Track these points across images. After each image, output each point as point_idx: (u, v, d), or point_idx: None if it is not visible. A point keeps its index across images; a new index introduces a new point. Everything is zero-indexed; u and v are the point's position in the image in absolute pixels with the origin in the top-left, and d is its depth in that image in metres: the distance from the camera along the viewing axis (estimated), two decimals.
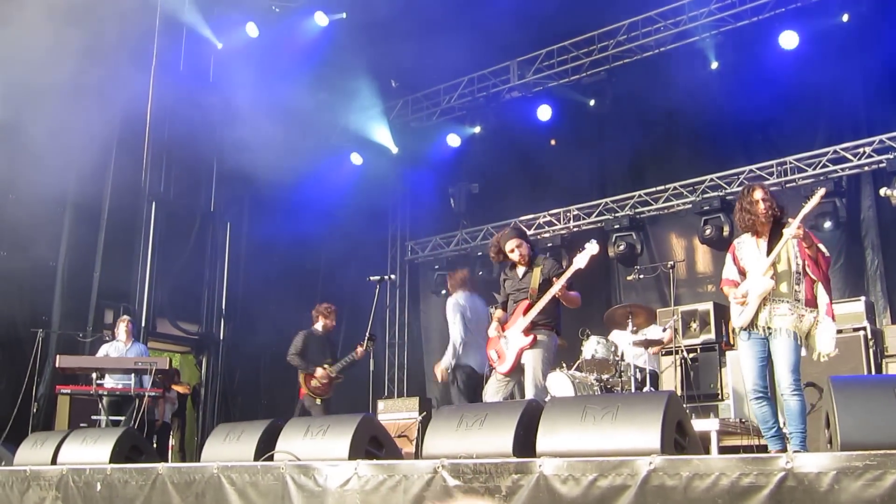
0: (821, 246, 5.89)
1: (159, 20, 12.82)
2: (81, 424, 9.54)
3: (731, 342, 6.27)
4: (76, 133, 10.97)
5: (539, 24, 13.13)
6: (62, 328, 11.26)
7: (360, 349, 9.57)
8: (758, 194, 5.97)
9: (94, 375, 9.16)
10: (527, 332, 6.93)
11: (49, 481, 6.61)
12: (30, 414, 10.09)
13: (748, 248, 6.06)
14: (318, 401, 9.87)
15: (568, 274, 6.90)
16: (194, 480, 5.69)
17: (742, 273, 6.05)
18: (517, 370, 7.01)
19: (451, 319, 8.93)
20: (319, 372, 9.82)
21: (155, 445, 10.64)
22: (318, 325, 10.12)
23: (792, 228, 5.73)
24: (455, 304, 9.01)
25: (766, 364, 5.90)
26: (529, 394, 6.73)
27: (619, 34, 13.12)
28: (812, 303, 5.78)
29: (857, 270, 11.65)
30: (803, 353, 5.80)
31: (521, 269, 7.28)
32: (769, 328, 5.79)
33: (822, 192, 6.03)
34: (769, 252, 5.87)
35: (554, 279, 7.00)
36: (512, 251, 7.23)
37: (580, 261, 6.91)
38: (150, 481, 5.93)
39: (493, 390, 7.14)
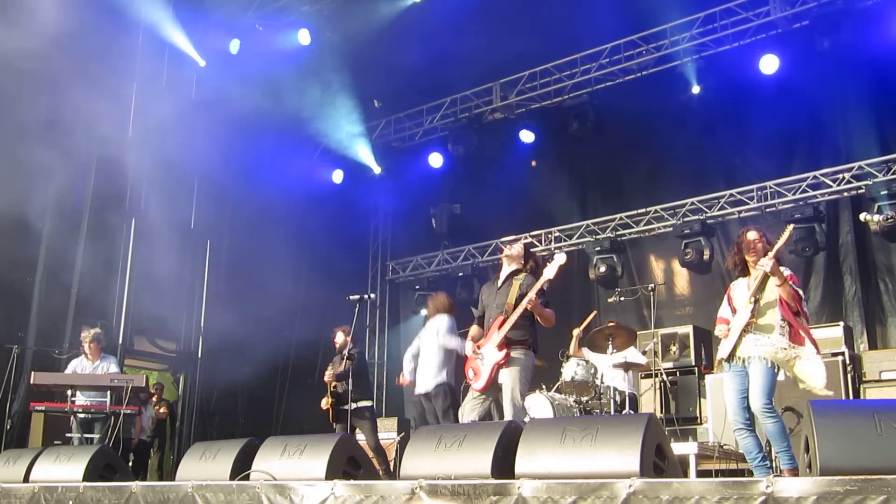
0: (793, 284, 5.95)
1: (142, 38, 12.79)
2: (55, 442, 9.40)
3: (714, 370, 6.38)
4: (56, 149, 10.89)
5: (522, 47, 13.17)
6: (38, 344, 11.14)
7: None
8: (751, 235, 6.16)
9: (68, 392, 9.05)
10: (501, 346, 6.80)
11: (20, 499, 6.51)
12: (3, 431, 9.96)
13: (740, 289, 6.24)
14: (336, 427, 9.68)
15: (538, 286, 6.81)
16: (168, 499, 5.61)
17: (734, 311, 6.17)
18: (492, 387, 6.88)
19: (452, 336, 9.03)
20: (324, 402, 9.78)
21: (132, 464, 10.53)
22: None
23: (764, 262, 5.85)
24: (453, 324, 9.08)
25: (746, 397, 5.95)
26: (508, 414, 6.63)
27: (602, 57, 13.19)
28: (798, 339, 5.83)
29: (836, 296, 11.70)
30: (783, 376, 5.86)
31: (500, 279, 7.20)
32: (747, 357, 5.86)
33: (790, 228, 6.23)
34: (752, 286, 6.04)
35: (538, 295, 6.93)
36: (509, 247, 7.25)
37: (549, 271, 6.82)
38: (123, 500, 5.85)
39: (468, 408, 7.00)
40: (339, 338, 9.98)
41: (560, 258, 6.87)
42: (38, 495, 6.38)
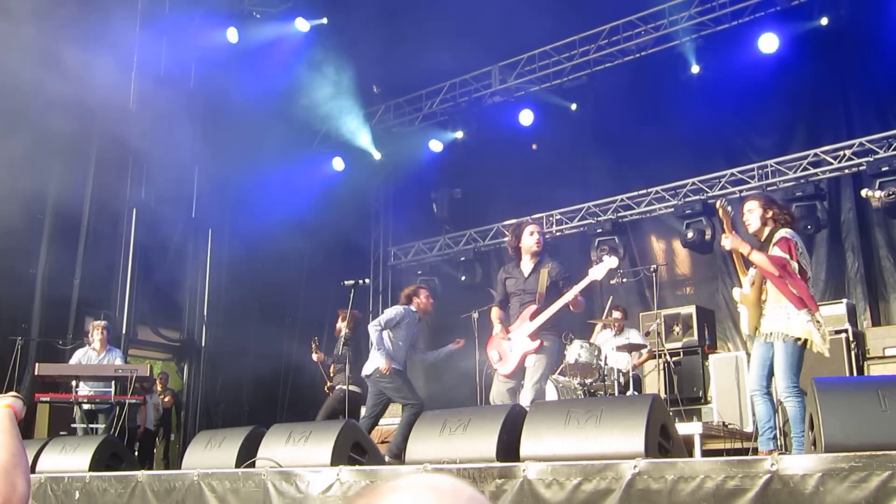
0: (780, 252, 5.90)
1: (139, 27, 12.74)
2: (61, 433, 9.43)
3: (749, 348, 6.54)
4: (56, 139, 10.89)
5: (520, 29, 13.13)
6: (42, 336, 11.15)
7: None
8: (746, 205, 6.36)
9: (72, 383, 9.07)
10: (533, 336, 6.86)
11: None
12: None
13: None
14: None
15: (583, 284, 6.86)
16: (174, 488, 5.63)
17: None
18: (519, 372, 6.94)
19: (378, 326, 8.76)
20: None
21: (138, 453, 10.56)
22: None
23: (723, 242, 6.10)
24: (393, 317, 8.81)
25: (769, 366, 6.00)
26: (527, 397, 6.65)
27: (601, 38, 13.15)
28: (799, 302, 5.82)
29: (839, 273, 11.70)
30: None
31: (525, 268, 7.17)
32: (769, 333, 5.91)
33: (718, 204, 6.29)
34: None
35: (561, 283, 6.99)
36: (532, 234, 7.16)
37: (597, 272, 6.91)
38: (129, 489, 5.87)
39: (499, 392, 7.03)
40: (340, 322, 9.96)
41: (611, 262, 7.03)
42: (45, 485, 6.40)
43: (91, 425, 9.28)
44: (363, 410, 9.08)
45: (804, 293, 5.84)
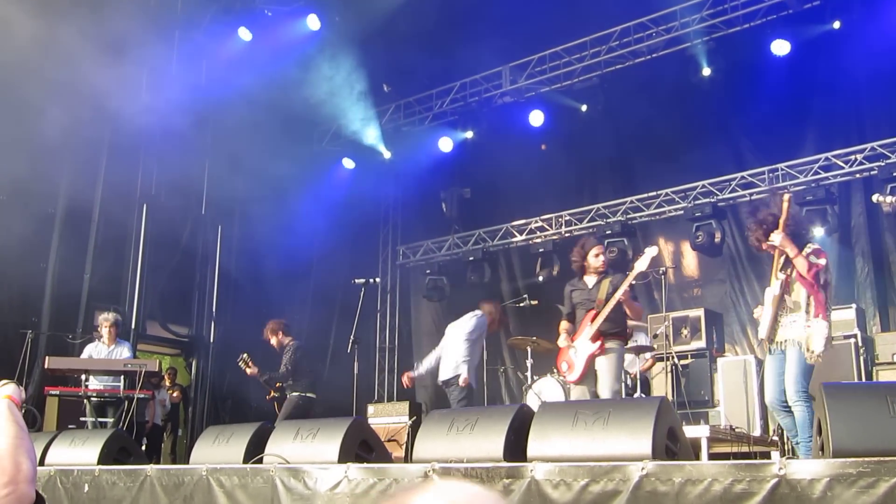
0: (814, 257, 5.98)
1: (152, 25, 12.78)
2: (70, 426, 9.47)
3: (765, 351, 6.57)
4: (68, 135, 10.93)
5: (531, 30, 13.12)
6: (52, 330, 11.20)
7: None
8: (760, 215, 6.38)
9: (82, 377, 9.12)
10: (595, 338, 7.03)
11: (37, 482, 6.56)
12: None
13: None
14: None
15: (630, 279, 7.03)
16: (183, 482, 5.66)
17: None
18: (587, 378, 7.10)
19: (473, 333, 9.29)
20: None
21: (146, 448, 10.61)
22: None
23: (773, 238, 5.94)
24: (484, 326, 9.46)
25: (784, 380, 6.04)
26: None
27: (611, 40, 13.11)
28: (824, 312, 5.91)
29: (848, 278, 11.66)
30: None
31: (590, 280, 7.39)
32: (784, 341, 5.95)
33: (786, 197, 6.27)
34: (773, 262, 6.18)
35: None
36: (597, 255, 7.41)
37: (640, 264, 7.06)
38: (138, 483, 5.91)
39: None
40: (272, 340, 10.14)
41: (651, 251, 7.11)
42: (55, 478, 6.44)
43: (100, 419, 9.33)
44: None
45: (819, 297, 5.90)
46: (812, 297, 5.92)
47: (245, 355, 9.82)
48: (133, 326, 12.37)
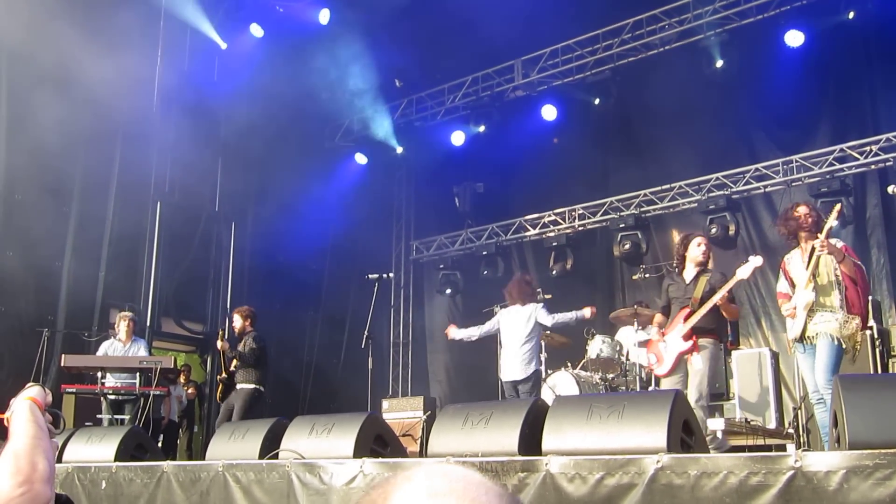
0: (851, 258, 6.08)
1: (164, 21, 12.83)
2: (86, 423, 9.53)
3: (788, 352, 6.59)
4: (82, 134, 10.99)
5: (543, 23, 13.09)
6: (67, 327, 11.26)
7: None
8: (801, 209, 6.41)
9: (98, 374, 9.17)
10: (686, 337, 7.04)
11: (55, 479, 6.60)
12: None
13: (796, 261, 6.41)
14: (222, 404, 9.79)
15: (729, 284, 6.99)
16: (199, 479, 5.68)
17: (793, 285, 6.36)
18: (675, 373, 7.11)
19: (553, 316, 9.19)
20: None
21: (161, 444, 10.65)
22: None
23: (818, 245, 5.97)
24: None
25: None
26: (692, 398, 6.72)
27: (624, 33, 13.07)
28: (854, 308, 5.95)
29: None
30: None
31: (688, 276, 7.37)
32: (813, 336, 6.06)
33: (838, 207, 6.44)
34: (808, 265, 6.17)
35: (720, 290, 7.07)
36: (699, 245, 7.35)
37: (743, 272, 6.96)
38: (154, 479, 5.93)
39: None
40: (237, 322, 9.93)
41: (756, 261, 6.98)
42: (72, 475, 6.48)
43: (116, 416, 9.38)
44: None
45: (860, 299, 6.04)
46: (852, 297, 6.04)
47: (221, 331, 9.76)
48: (148, 324, 12.42)
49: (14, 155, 10.62)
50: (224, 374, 9.63)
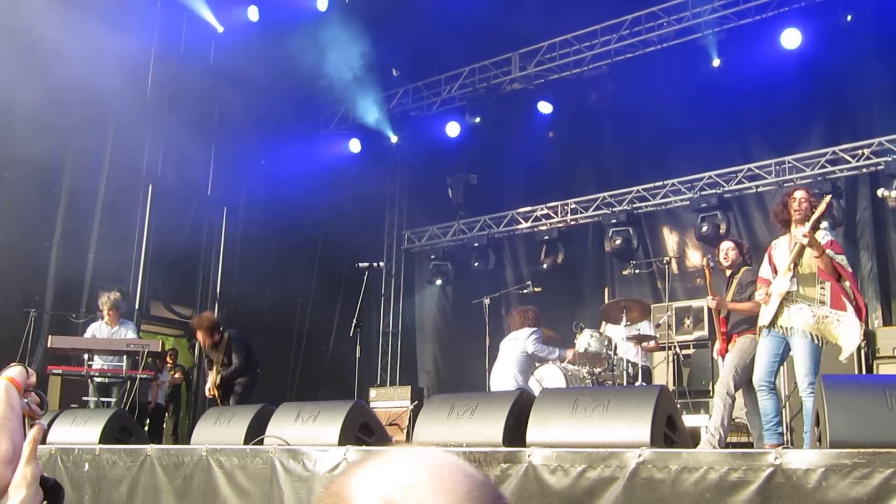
0: (832, 253, 5.98)
1: (160, 4, 12.79)
2: (72, 405, 9.51)
3: (756, 338, 6.47)
4: (74, 114, 10.94)
5: (542, 17, 13.08)
6: (55, 309, 11.22)
7: None
8: (798, 194, 6.30)
9: (85, 356, 9.13)
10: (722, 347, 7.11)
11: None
12: None
13: (781, 247, 6.33)
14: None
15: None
16: (183, 462, 5.69)
17: (775, 271, 6.27)
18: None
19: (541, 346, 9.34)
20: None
21: (147, 428, 10.63)
22: None
23: (798, 234, 5.87)
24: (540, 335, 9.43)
25: (778, 362, 6.07)
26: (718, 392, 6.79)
27: (622, 29, 13.06)
28: (840, 305, 5.86)
29: (852, 272, 11.64)
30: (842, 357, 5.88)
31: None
32: (789, 328, 5.90)
33: (827, 198, 6.23)
34: (791, 252, 6.10)
35: (748, 287, 6.99)
36: (726, 254, 7.37)
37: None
38: (138, 462, 5.93)
39: None
40: (203, 337, 9.41)
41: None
42: (56, 457, 6.47)
43: (102, 399, 9.35)
44: None
45: (849, 296, 5.93)
46: (839, 293, 5.94)
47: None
48: (137, 307, 12.39)
49: (4, 134, 10.56)
50: (216, 392, 9.31)
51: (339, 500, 1.04)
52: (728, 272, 7.35)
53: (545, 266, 13.92)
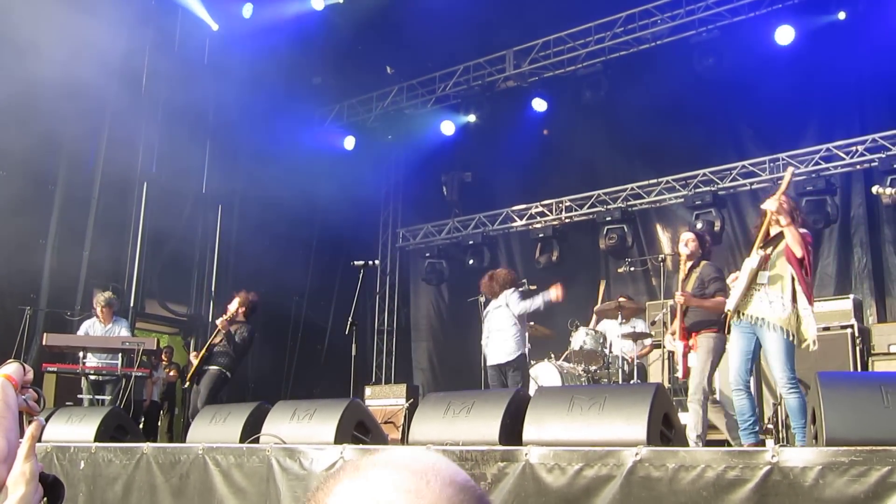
0: (795, 229, 5.87)
1: (154, 1, 12.76)
2: (67, 403, 9.50)
3: (729, 320, 6.34)
4: (68, 111, 10.90)
5: (536, 15, 13.07)
6: (50, 306, 11.20)
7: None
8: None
9: (80, 354, 9.12)
10: (681, 338, 6.97)
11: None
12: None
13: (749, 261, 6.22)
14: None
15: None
16: (179, 461, 5.68)
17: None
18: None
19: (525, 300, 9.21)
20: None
21: (143, 426, 10.62)
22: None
23: (769, 202, 5.85)
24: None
25: (751, 359, 6.01)
26: (690, 393, 6.73)
27: (616, 26, 13.06)
28: (809, 294, 5.85)
29: (846, 268, 11.68)
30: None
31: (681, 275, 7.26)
32: (757, 318, 5.85)
33: (790, 170, 6.19)
34: (762, 226, 6.05)
35: (710, 283, 6.96)
36: (686, 244, 7.28)
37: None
38: (134, 461, 5.93)
39: None
40: (234, 305, 9.37)
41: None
42: (51, 455, 6.46)
43: (97, 396, 9.34)
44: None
45: (803, 282, 5.84)
46: (797, 279, 5.83)
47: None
48: (132, 304, 12.38)
49: None
50: (204, 351, 9.32)
51: None
52: (687, 264, 7.21)
53: (541, 264, 13.93)
